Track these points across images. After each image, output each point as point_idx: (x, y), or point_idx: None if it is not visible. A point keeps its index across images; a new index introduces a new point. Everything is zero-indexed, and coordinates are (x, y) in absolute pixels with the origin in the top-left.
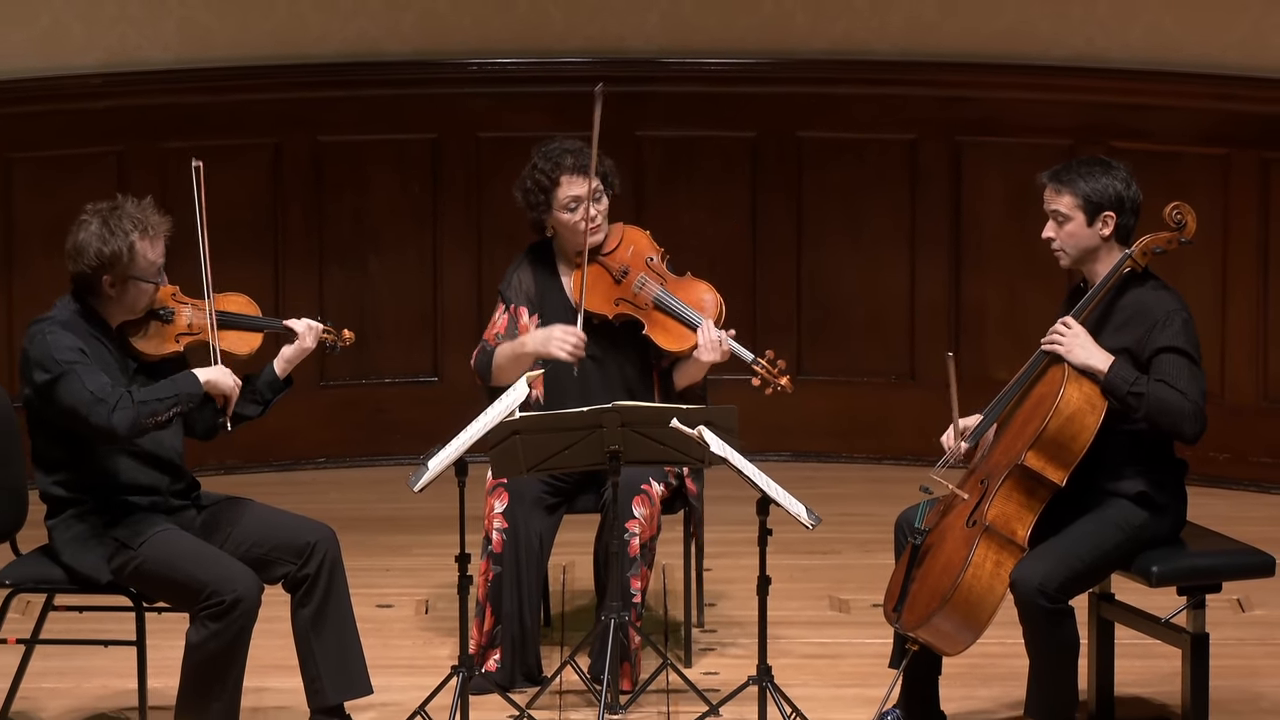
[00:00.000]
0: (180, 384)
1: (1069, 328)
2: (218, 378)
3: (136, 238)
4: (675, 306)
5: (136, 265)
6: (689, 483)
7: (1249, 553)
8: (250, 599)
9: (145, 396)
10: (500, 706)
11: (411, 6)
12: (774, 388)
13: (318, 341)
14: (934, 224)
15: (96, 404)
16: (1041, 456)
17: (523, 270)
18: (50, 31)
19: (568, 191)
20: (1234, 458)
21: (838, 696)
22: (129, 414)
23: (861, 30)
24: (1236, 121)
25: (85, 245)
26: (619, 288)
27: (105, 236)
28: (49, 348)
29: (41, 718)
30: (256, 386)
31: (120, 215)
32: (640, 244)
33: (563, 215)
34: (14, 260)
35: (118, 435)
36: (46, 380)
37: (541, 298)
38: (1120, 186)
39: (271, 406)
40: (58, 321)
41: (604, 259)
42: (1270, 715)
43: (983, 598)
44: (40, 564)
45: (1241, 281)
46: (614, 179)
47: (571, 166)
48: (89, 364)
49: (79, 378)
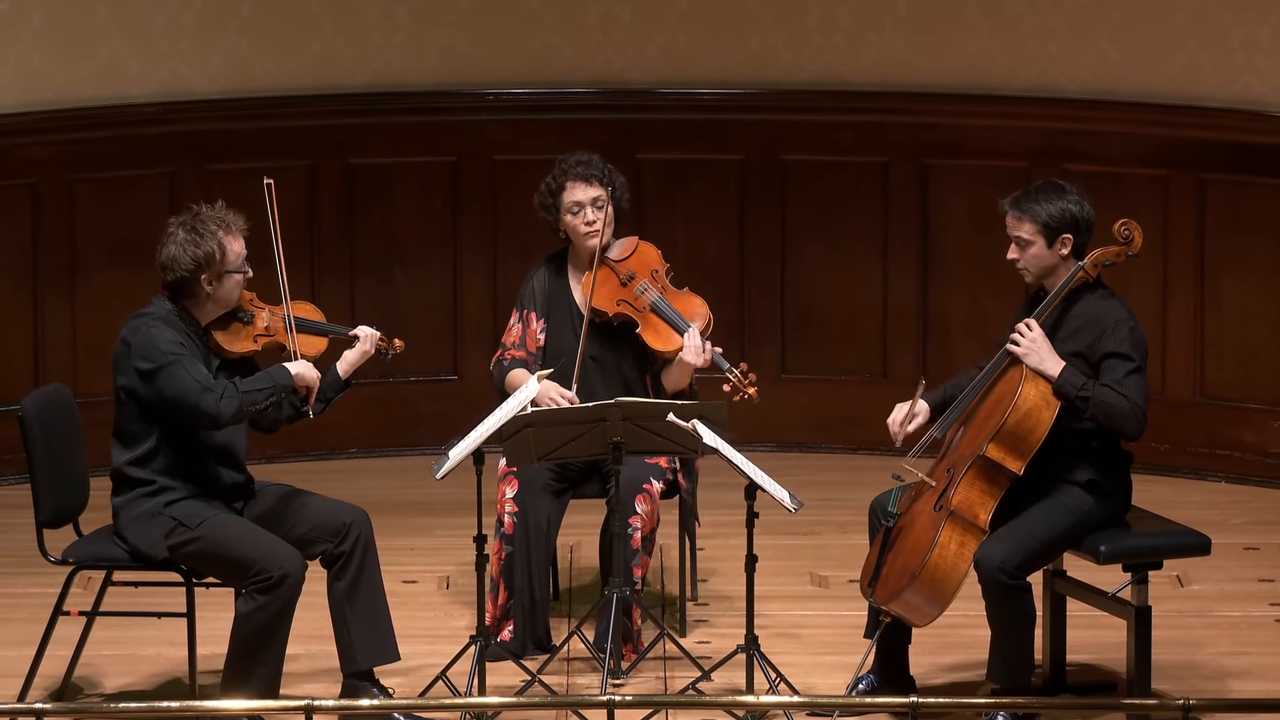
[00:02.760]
0: (275, 376)
1: (1030, 329)
2: (305, 371)
3: (223, 234)
4: (668, 312)
5: (228, 260)
6: (681, 478)
7: (1187, 533)
8: (295, 575)
9: (247, 386)
10: (514, 672)
11: (434, 42)
12: (742, 395)
13: (374, 347)
14: (904, 238)
15: (205, 392)
16: (1002, 448)
17: (538, 275)
18: (109, 65)
19: (571, 196)
20: (1173, 448)
21: (818, 663)
22: (234, 401)
23: (839, 64)
24: (1175, 146)
25: (179, 254)
26: (623, 290)
27: (196, 240)
28: (154, 340)
29: (101, 682)
30: (320, 386)
31: (203, 219)
32: (649, 257)
33: (566, 218)
34: (76, 272)
35: (222, 420)
36: (150, 369)
37: (550, 300)
38: (1075, 209)
39: (333, 404)
40: (157, 317)
41: (615, 264)
42: (1207, 680)
43: (948, 575)
44: (100, 544)
45: (1180, 290)
46: (622, 191)
47: (577, 173)
48: (190, 356)
49: (184, 368)
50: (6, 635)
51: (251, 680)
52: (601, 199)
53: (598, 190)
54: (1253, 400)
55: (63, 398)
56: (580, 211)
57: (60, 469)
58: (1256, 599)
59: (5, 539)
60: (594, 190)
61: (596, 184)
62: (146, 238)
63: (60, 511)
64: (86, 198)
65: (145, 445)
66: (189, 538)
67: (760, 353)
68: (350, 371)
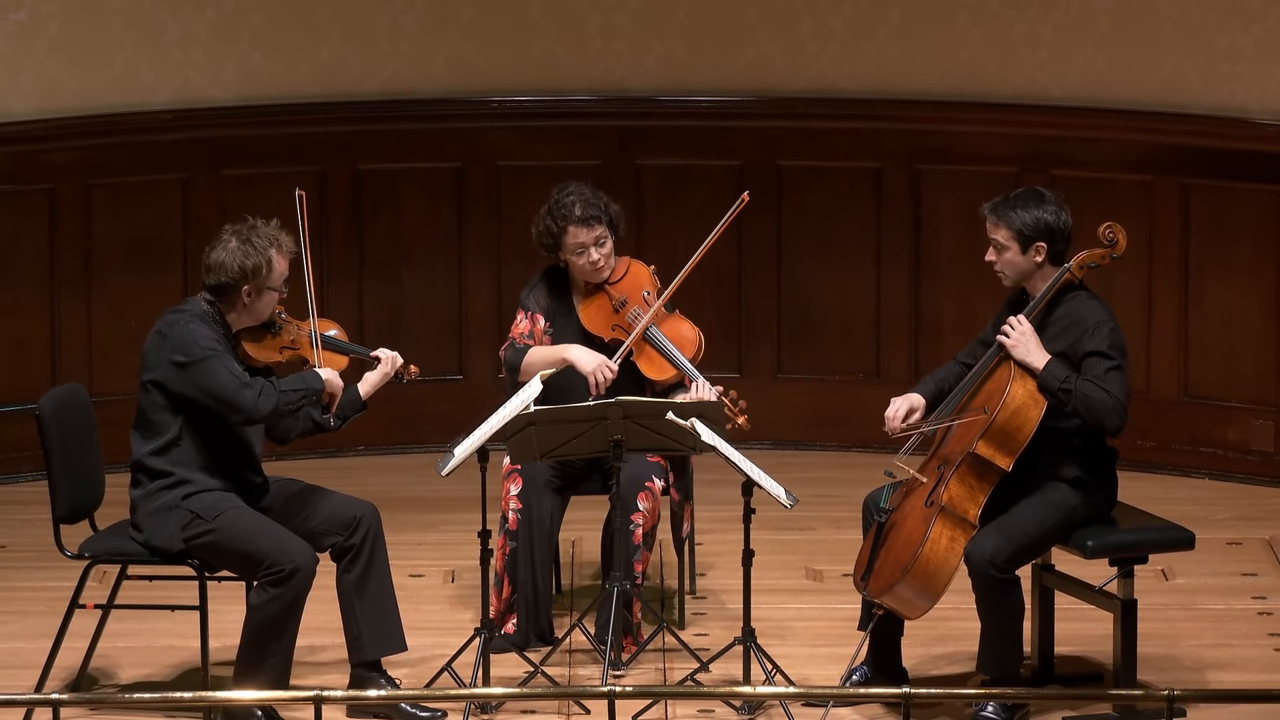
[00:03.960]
0: (308, 380)
1: (1020, 323)
2: (334, 379)
3: (274, 253)
4: (662, 343)
5: (272, 277)
6: (673, 492)
7: (1172, 529)
8: (306, 569)
9: (284, 386)
10: (517, 664)
11: (440, 51)
12: (733, 424)
13: (394, 371)
14: (897, 241)
15: (244, 388)
16: (991, 445)
17: (539, 289)
18: (124, 74)
19: (575, 240)
20: (1158, 445)
21: (812, 655)
22: (272, 399)
23: (834, 72)
24: (1160, 152)
25: (228, 261)
26: (616, 315)
27: (248, 252)
28: (192, 334)
29: (116, 673)
30: (340, 403)
31: (258, 233)
32: (641, 278)
33: (571, 258)
34: (93, 274)
35: (257, 416)
36: (186, 362)
37: (553, 314)
38: (1050, 218)
39: (349, 423)
40: (194, 314)
41: (609, 288)
42: (1190, 670)
43: (939, 569)
44: (115, 538)
45: (1164, 292)
46: (619, 223)
47: (578, 218)
48: (226, 354)
49: (222, 363)
50: (24, 628)
51: (263, 670)
52: (603, 236)
53: (600, 230)
54: (1235, 399)
55: (79, 397)
56: (584, 253)
57: (76, 466)
58: (1239, 592)
59: (23, 534)
60: (596, 231)
61: (598, 224)
62: (161, 241)
63: (76, 507)
64: (103, 202)
65: (167, 436)
66: (204, 530)
67: (757, 353)
68: (370, 393)
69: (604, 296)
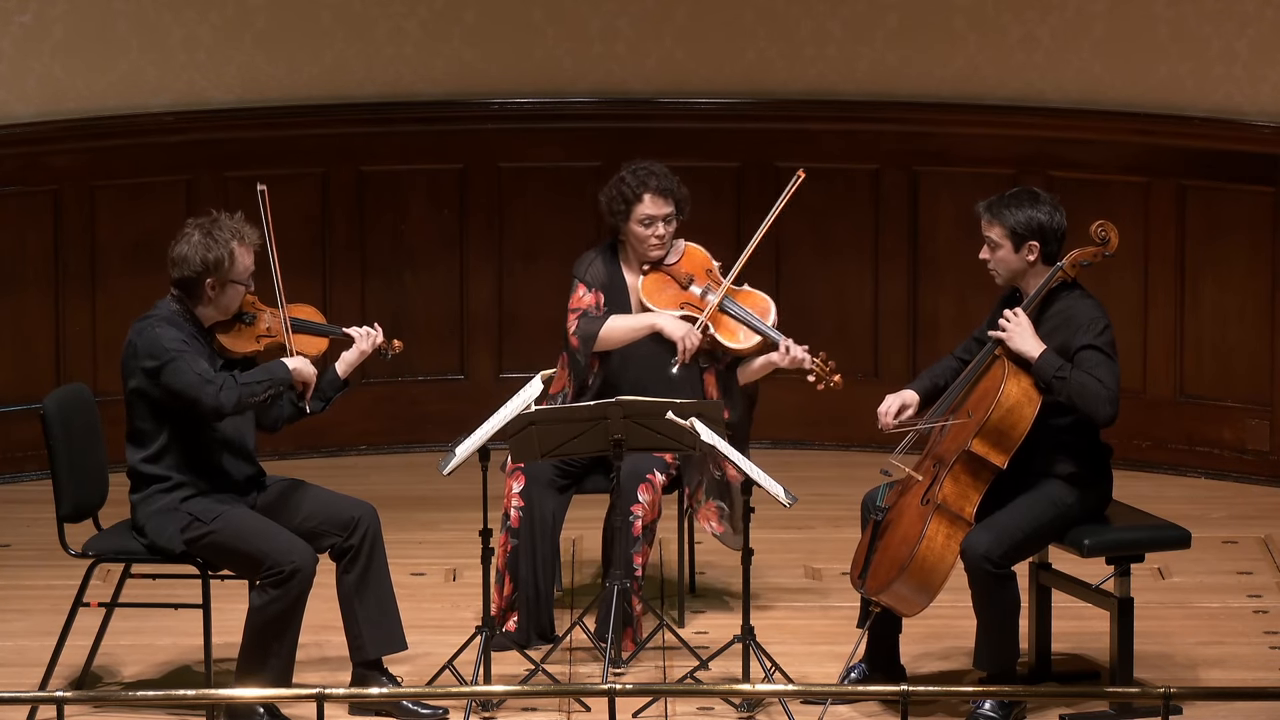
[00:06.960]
0: (273, 370)
1: (1016, 316)
2: (301, 366)
3: (235, 245)
4: (740, 312)
5: (235, 270)
6: None
7: (1168, 528)
8: (307, 569)
9: (246, 379)
10: (518, 661)
11: (442, 54)
12: (827, 384)
13: (374, 348)
14: (894, 242)
15: (206, 384)
16: (986, 443)
17: (595, 264)
18: (128, 76)
19: (646, 209)
20: (1154, 445)
21: (811, 652)
22: (234, 393)
23: (832, 75)
24: (1156, 154)
25: (190, 254)
26: (685, 293)
27: (209, 245)
28: (158, 339)
29: (119, 671)
30: (320, 385)
31: (220, 226)
32: (699, 258)
33: (636, 228)
34: (96, 275)
35: (224, 410)
36: (155, 366)
37: (609, 290)
38: (1043, 218)
39: (332, 403)
40: (161, 318)
41: (668, 268)
42: (1185, 668)
43: (936, 566)
44: (119, 537)
45: (1160, 293)
46: (686, 207)
47: (655, 188)
48: (193, 352)
49: (186, 362)
50: (28, 626)
51: (265, 669)
52: (672, 215)
53: (671, 207)
54: (1230, 399)
55: (83, 396)
56: (652, 225)
57: (80, 465)
58: (1234, 591)
59: (28, 533)
60: (668, 206)
61: (671, 200)
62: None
63: (80, 506)
64: (107, 204)
65: (157, 443)
66: (204, 532)
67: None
68: (349, 371)
69: (665, 275)
